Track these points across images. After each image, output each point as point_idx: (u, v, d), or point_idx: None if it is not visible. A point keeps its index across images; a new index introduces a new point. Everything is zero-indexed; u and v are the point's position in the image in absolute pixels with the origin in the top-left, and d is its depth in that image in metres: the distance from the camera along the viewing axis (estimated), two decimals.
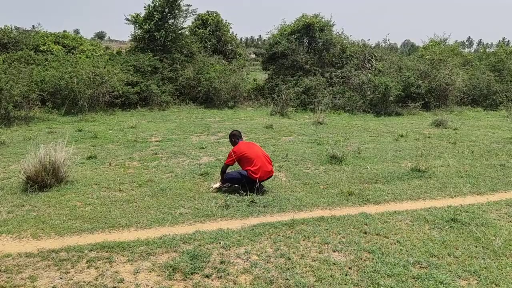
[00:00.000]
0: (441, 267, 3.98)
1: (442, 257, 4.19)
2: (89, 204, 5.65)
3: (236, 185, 6.30)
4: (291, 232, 4.77)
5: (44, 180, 6.07)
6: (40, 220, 5.05)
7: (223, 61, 21.05)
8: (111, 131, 11.38)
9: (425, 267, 3.99)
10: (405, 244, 4.47)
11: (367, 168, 7.78)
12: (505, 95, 19.11)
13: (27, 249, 4.29)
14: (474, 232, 4.81)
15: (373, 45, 21.88)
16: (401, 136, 11.26)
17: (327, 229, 4.88)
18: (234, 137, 6.70)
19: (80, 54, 17.94)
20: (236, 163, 6.41)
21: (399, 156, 8.81)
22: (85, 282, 3.66)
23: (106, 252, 4.23)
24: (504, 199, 6.16)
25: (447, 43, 23.39)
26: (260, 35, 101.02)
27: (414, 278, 3.78)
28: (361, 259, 4.13)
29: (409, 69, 18.40)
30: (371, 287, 3.63)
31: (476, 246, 4.47)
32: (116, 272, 3.84)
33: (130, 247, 4.32)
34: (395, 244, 4.49)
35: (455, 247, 4.44)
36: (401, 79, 17.42)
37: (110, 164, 7.81)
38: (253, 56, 50.13)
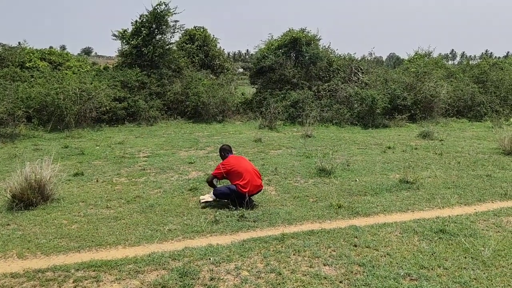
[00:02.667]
0: (431, 279, 3.99)
1: (432, 269, 4.20)
2: (75, 222, 5.56)
3: (225, 200, 6.27)
4: (282, 247, 4.74)
5: (29, 198, 5.96)
6: (26, 239, 4.95)
7: (211, 75, 21.12)
8: (98, 147, 11.28)
9: (416, 279, 3.99)
10: (395, 256, 4.48)
11: (355, 181, 7.82)
12: (489, 106, 19.44)
13: (12, 269, 4.19)
14: (463, 243, 4.84)
15: (359, 59, 22.21)
16: (389, 148, 11.36)
17: (317, 242, 4.86)
18: (224, 151, 6.70)
19: (66, 70, 17.84)
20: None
21: (387, 168, 8.87)
22: None
23: (93, 271, 4.15)
24: (492, 209, 6.22)
25: (431, 56, 23.83)
26: (247, 50, 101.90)
27: None
28: (351, 272, 4.12)
29: (395, 81, 18.67)
30: None
31: (465, 257, 4.49)
32: None
33: (118, 266, 4.24)
34: (385, 256, 4.49)
35: (444, 258, 4.46)
36: (387, 91, 17.65)
37: (97, 181, 7.72)
38: (241, 70, 50.43)
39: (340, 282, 3.93)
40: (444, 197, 6.80)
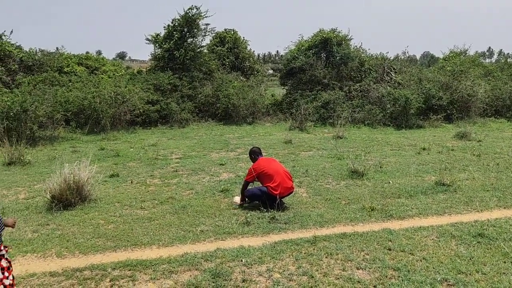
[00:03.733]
0: (469, 285, 3.86)
1: (470, 274, 4.07)
2: (112, 222, 5.72)
3: (257, 202, 6.28)
4: (313, 249, 4.71)
5: (68, 198, 6.18)
6: (65, 238, 5.13)
7: (241, 77, 21.20)
8: (132, 149, 11.55)
9: (453, 284, 3.88)
10: (432, 261, 4.36)
11: (389, 183, 7.66)
12: None
13: (51, 268, 4.35)
14: (502, 247, 4.66)
15: (392, 58, 21.76)
16: (424, 149, 11.07)
17: (350, 245, 4.80)
18: (254, 154, 6.71)
19: (102, 74, 18.36)
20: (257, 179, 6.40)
21: (422, 170, 8.65)
22: None
23: (129, 270, 4.25)
24: None
25: (467, 54, 23.09)
26: (277, 51, 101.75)
27: None
28: (386, 277, 4.04)
29: (429, 81, 18.18)
30: None
31: (505, 262, 4.32)
32: None
33: (153, 265, 4.33)
34: (421, 261, 4.38)
35: (483, 263, 4.31)
36: (422, 91, 17.22)
37: (131, 182, 7.91)
38: (271, 71, 50.49)
39: (374, 286, 3.86)
40: (483, 200, 6.57)
